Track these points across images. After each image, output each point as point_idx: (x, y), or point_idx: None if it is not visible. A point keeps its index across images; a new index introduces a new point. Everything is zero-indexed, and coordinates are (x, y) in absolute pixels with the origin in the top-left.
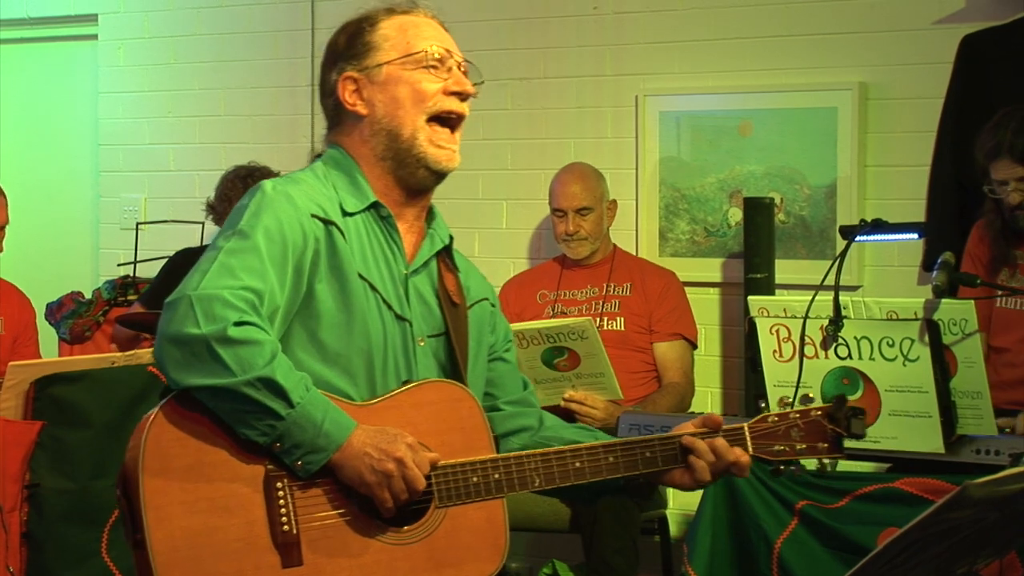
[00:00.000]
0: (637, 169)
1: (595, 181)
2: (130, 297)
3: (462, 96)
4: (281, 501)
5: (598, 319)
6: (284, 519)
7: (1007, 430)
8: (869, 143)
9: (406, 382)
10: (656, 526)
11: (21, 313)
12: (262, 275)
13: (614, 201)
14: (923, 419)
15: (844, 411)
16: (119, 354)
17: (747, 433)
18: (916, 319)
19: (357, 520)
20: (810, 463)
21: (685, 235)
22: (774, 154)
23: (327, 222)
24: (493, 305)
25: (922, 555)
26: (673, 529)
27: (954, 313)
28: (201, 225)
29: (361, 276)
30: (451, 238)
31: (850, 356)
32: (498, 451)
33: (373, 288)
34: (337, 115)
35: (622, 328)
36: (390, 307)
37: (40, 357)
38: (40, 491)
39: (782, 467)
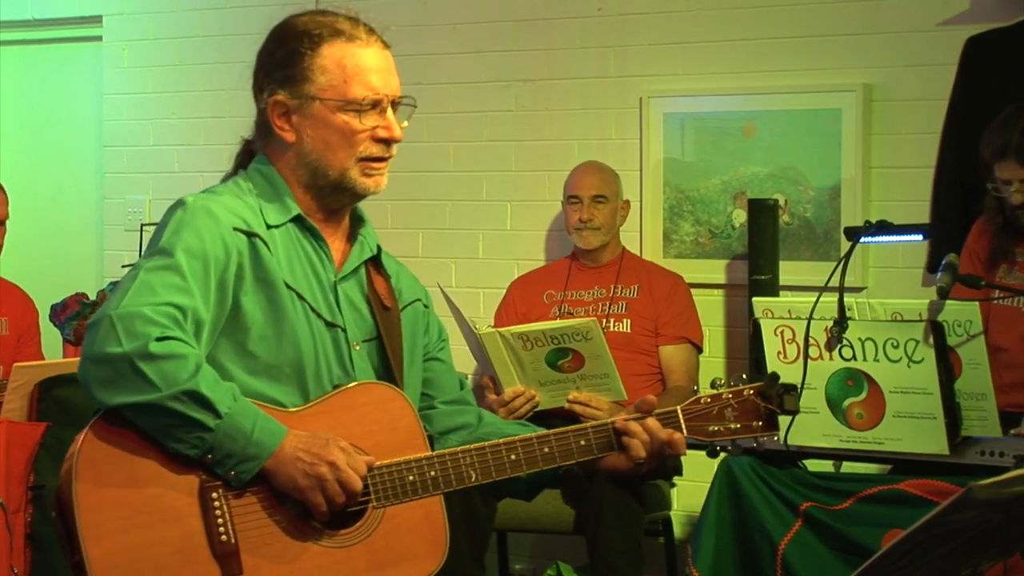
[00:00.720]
0: (641, 171)
1: (612, 176)
2: None
3: (390, 143)
4: (217, 511)
5: (605, 320)
6: (221, 529)
7: (1012, 432)
8: (873, 144)
9: (336, 386)
10: (660, 527)
11: (24, 313)
12: (184, 291)
13: (627, 202)
14: (927, 420)
15: (776, 388)
16: None
17: (680, 415)
18: (920, 320)
19: (295, 526)
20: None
21: (689, 236)
22: (778, 155)
23: (250, 234)
24: (426, 306)
25: (926, 557)
26: (677, 531)
27: (959, 314)
28: None
29: (288, 286)
30: (379, 247)
31: (854, 357)
32: (435, 449)
33: (301, 297)
34: (265, 127)
35: (628, 330)
36: (319, 315)
37: (42, 357)
38: (45, 492)
39: (718, 448)
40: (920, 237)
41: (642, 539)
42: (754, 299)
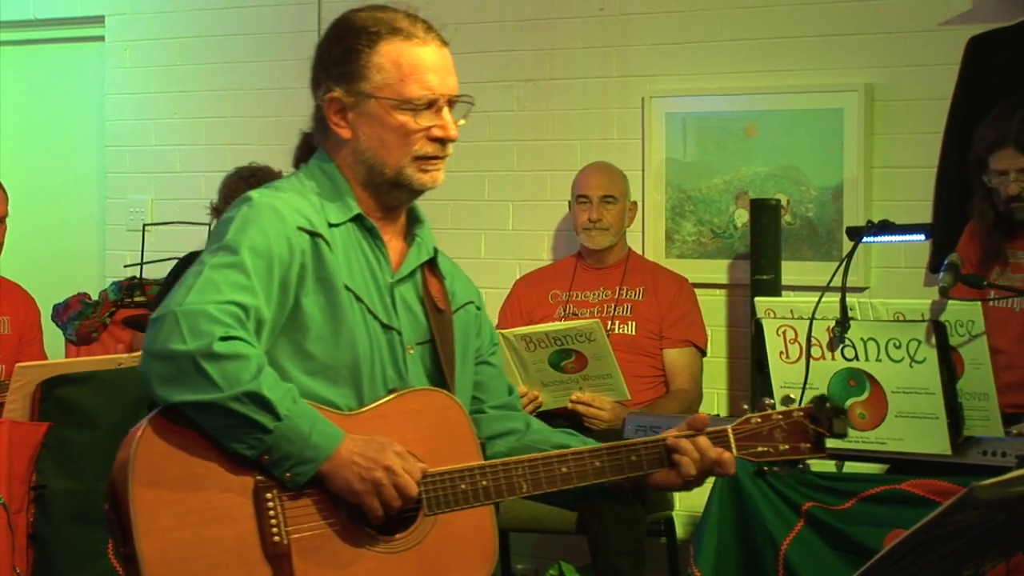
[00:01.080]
0: (643, 170)
1: (621, 177)
2: (136, 299)
3: (445, 142)
4: (271, 512)
5: (609, 322)
6: (275, 530)
7: (1014, 431)
8: (875, 144)
9: (392, 391)
10: (662, 527)
11: (27, 313)
12: (248, 290)
13: (635, 203)
14: (930, 420)
15: (826, 411)
16: (125, 355)
17: (731, 435)
18: (923, 320)
19: (347, 530)
20: (826, 465)
21: (691, 236)
22: (780, 155)
23: (314, 234)
24: (478, 308)
25: (929, 557)
26: (679, 531)
27: (961, 314)
28: (208, 227)
29: (347, 287)
30: (436, 250)
31: (857, 357)
32: (484, 454)
33: (359, 299)
34: (323, 123)
35: (633, 332)
36: (376, 317)
37: (45, 357)
38: (47, 492)
39: (765, 468)
40: (922, 237)
41: (644, 539)
42: (756, 299)
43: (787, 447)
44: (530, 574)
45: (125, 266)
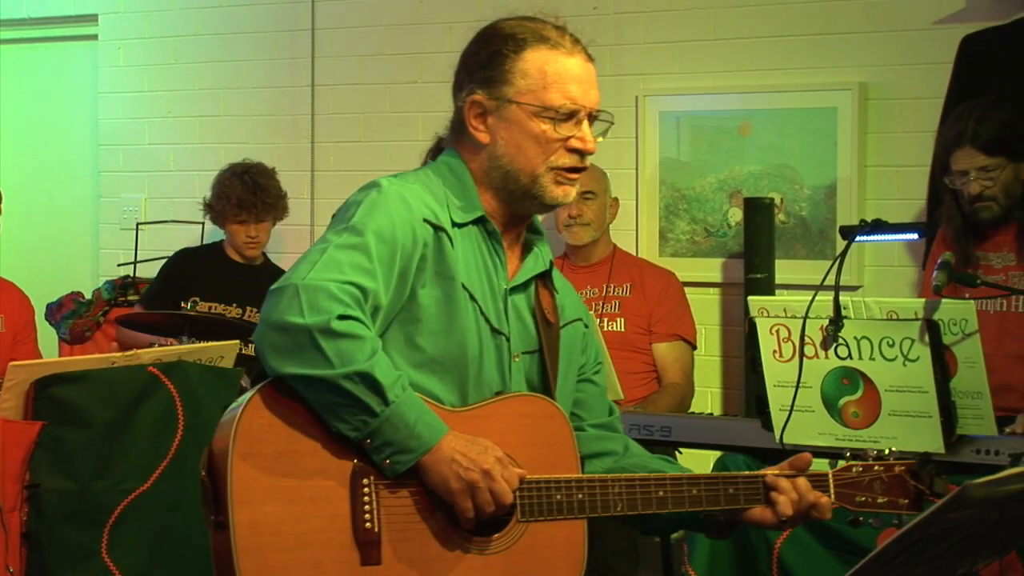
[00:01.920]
0: (637, 169)
1: (599, 173)
2: (130, 297)
3: (584, 154)
4: (366, 498)
5: (598, 320)
6: (367, 516)
7: (1007, 430)
8: (869, 143)
9: (499, 393)
10: None
11: (20, 311)
12: (369, 273)
13: (616, 199)
14: (923, 419)
15: (928, 469)
16: (119, 354)
17: (831, 480)
18: (916, 319)
19: (439, 525)
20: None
21: (685, 235)
22: (774, 154)
23: (438, 228)
24: (587, 326)
25: (922, 555)
26: None
27: (954, 313)
28: (201, 225)
29: (463, 285)
30: (551, 263)
31: (850, 356)
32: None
33: (473, 298)
34: (460, 125)
35: (622, 329)
36: (487, 320)
37: (39, 355)
38: (40, 491)
39: (861, 519)
40: (916, 236)
41: (638, 538)
42: (750, 298)
43: (885, 500)
44: None
45: (119, 265)
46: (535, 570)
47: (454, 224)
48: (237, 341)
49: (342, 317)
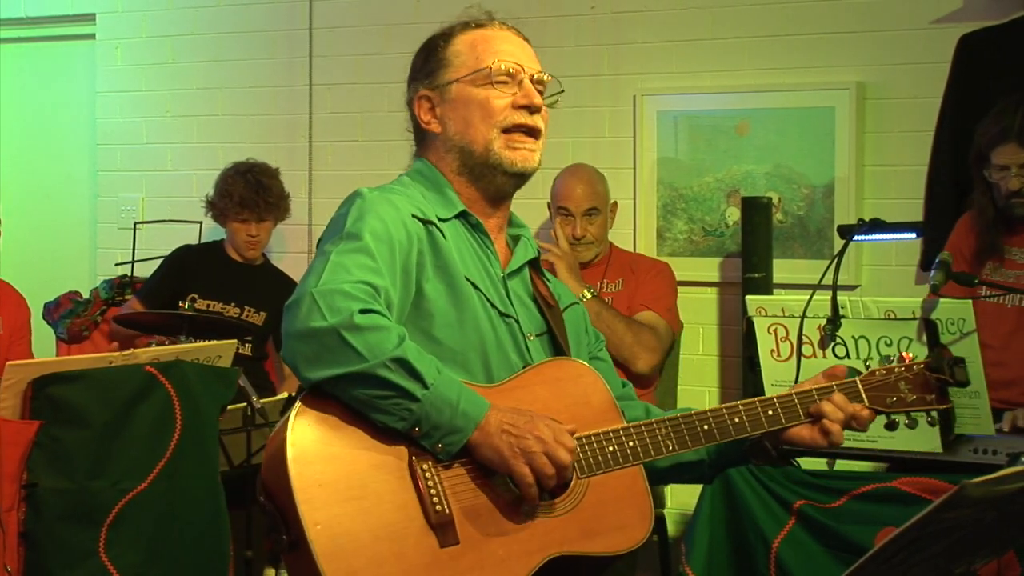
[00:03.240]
0: (635, 169)
1: (601, 184)
2: (127, 297)
3: (531, 109)
4: (430, 483)
5: None
6: (435, 500)
7: (1004, 429)
8: (867, 143)
9: (526, 365)
10: (653, 526)
11: (17, 312)
12: (376, 272)
13: (615, 203)
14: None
15: (946, 361)
16: (117, 354)
17: (860, 386)
18: (914, 318)
19: (506, 497)
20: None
21: (683, 235)
22: (772, 154)
23: (426, 222)
24: (583, 311)
25: (920, 554)
26: (671, 528)
27: (952, 312)
28: (199, 224)
29: (464, 276)
30: (539, 251)
31: (848, 355)
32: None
33: (476, 287)
34: (418, 132)
35: None
36: (494, 305)
37: (32, 356)
38: (38, 491)
39: (895, 418)
40: (913, 235)
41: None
42: (747, 297)
43: (915, 398)
44: None
45: (116, 264)
46: (607, 522)
47: (440, 219)
48: (235, 340)
49: (364, 311)
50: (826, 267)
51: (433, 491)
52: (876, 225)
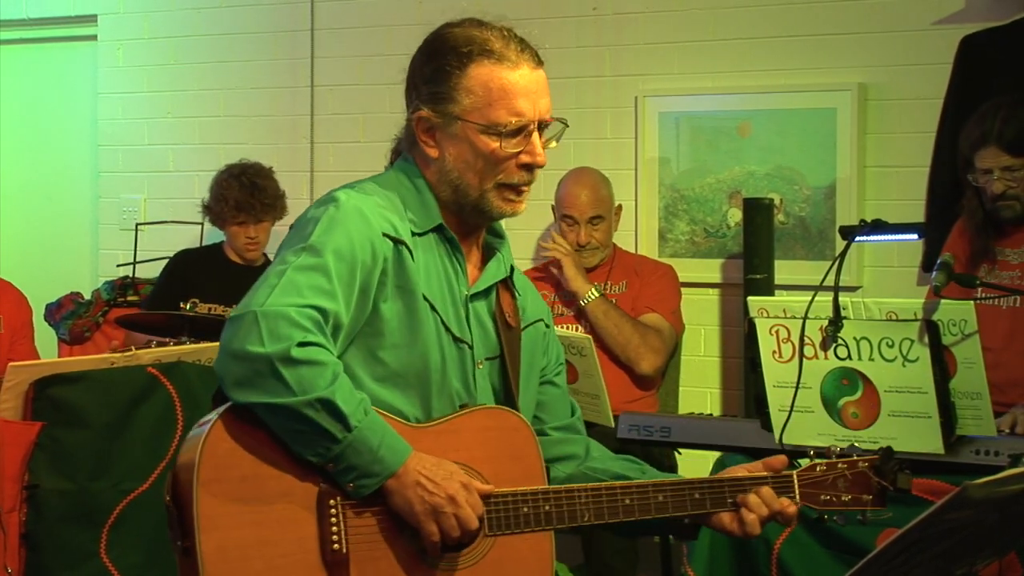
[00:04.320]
0: (636, 170)
1: (606, 189)
2: (129, 298)
3: (533, 167)
4: (333, 519)
5: None
6: (335, 537)
7: (1004, 430)
8: (868, 144)
9: (463, 406)
10: None
11: (19, 312)
12: (329, 295)
13: (620, 206)
14: (922, 420)
15: (891, 465)
16: (118, 355)
17: (796, 481)
18: (916, 320)
19: (407, 544)
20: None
21: (684, 236)
22: (773, 155)
23: (397, 241)
24: (547, 326)
25: (921, 556)
26: None
27: (953, 314)
28: (200, 226)
29: (424, 296)
30: (512, 267)
31: (849, 357)
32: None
33: (434, 309)
34: (412, 136)
35: None
36: (449, 330)
37: (35, 355)
38: (39, 492)
39: (825, 516)
40: (915, 236)
41: (638, 539)
42: (749, 298)
43: (849, 498)
44: None
45: (118, 265)
46: None
47: (413, 234)
48: None
49: (302, 344)
50: (828, 268)
51: (335, 528)
52: (878, 226)
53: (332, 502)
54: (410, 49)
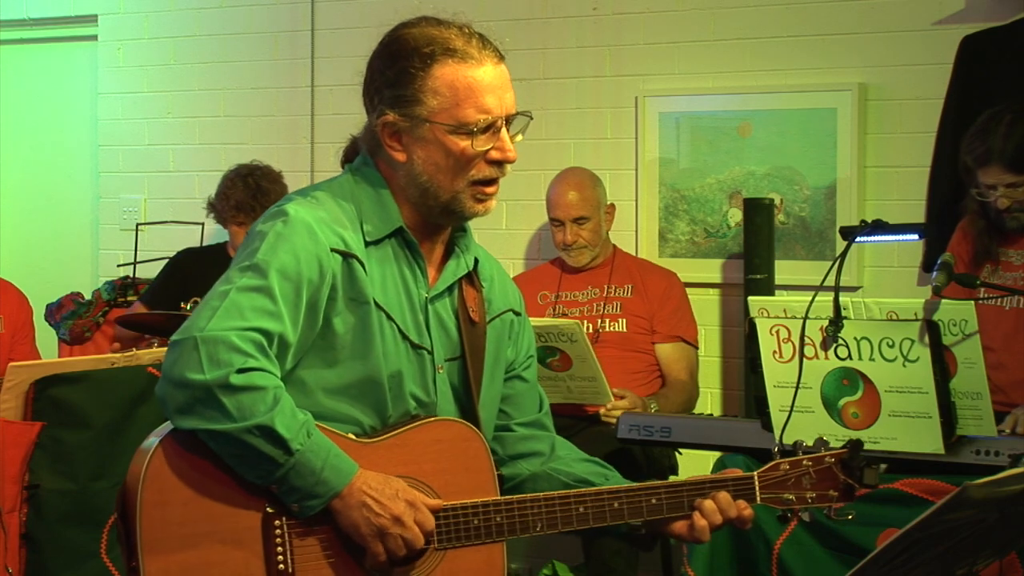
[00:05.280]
0: (636, 170)
1: (592, 189)
2: (130, 298)
3: (504, 163)
4: (278, 540)
5: (600, 320)
6: (280, 558)
7: (1006, 431)
8: (869, 144)
9: (415, 417)
10: None
11: (19, 311)
12: (274, 316)
13: (612, 205)
14: (923, 420)
15: (858, 460)
16: (119, 355)
17: (756, 482)
18: (916, 320)
19: (354, 563)
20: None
21: (685, 236)
22: (774, 155)
23: (347, 255)
24: (517, 314)
25: (922, 556)
26: None
27: (954, 314)
28: (201, 226)
29: (378, 306)
30: (476, 260)
31: (850, 357)
32: (505, 474)
33: (390, 318)
34: (375, 140)
35: (624, 329)
36: (407, 337)
37: (36, 355)
38: (40, 492)
39: (788, 515)
40: (915, 236)
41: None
42: (750, 298)
43: (814, 495)
44: (524, 573)
45: (118, 265)
46: None
47: (368, 243)
48: None
49: (241, 370)
50: (828, 268)
51: (280, 549)
52: (878, 226)
53: (277, 523)
54: None
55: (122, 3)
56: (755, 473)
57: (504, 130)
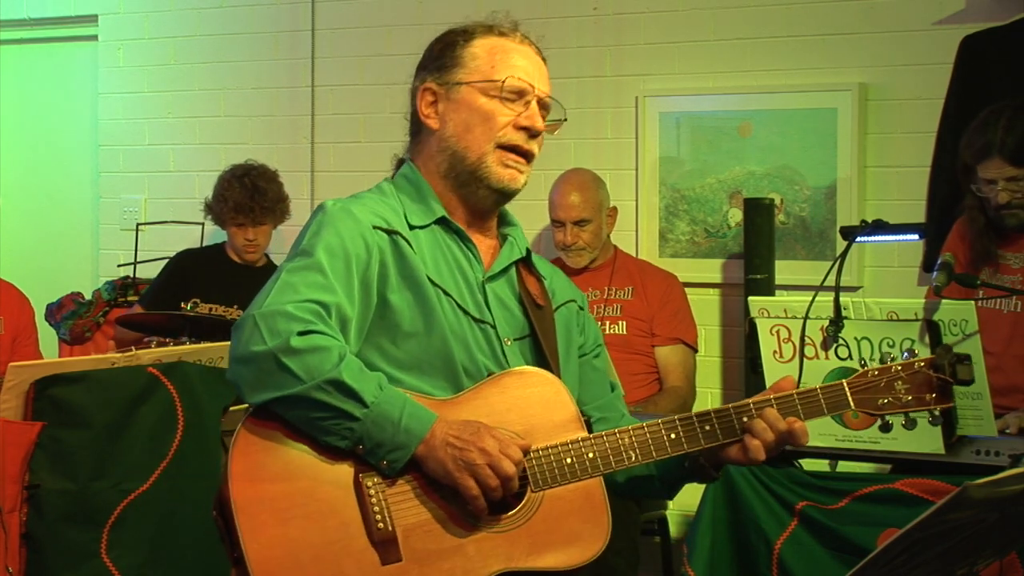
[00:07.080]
0: (637, 170)
1: (594, 191)
2: (130, 298)
3: (531, 132)
4: (373, 499)
5: (600, 322)
6: (378, 517)
7: (1008, 431)
8: (869, 144)
9: (491, 374)
10: (656, 527)
11: (21, 313)
12: (327, 288)
13: (614, 208)
14: (923, 420)
15: (948, 358)
16: (119, 355)
17: (847, 389)
18: (916, 319)
19: (453, 512)
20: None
21: (685, 236)
22: (774, 155)
23: (391, 232)
24: (581, 308)
25: (922, 556)
26: (673, 530)
27: (954, 314)
28: (201, 226)
29: (433, 282)
30: (529, 250)
31: (850, 356)
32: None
33: (447, 293)
34: (415, 124)
35: (624, 332)
36: (467, 312)
37: (40, 357)
38: (40, 492)
39: (889, 420)
40: (916, 236)
41: (638, 538)
42: (750, 298)
43: (910, 398)
44: None
45: (119, 265)
46: (559, 536)
47: (412, 227)
48: None
49: (302, 333)
50: (828, 268)
51: (376, 508)
52: (878, 226)
53: (369, 483)
54: (410, 49)
55: (122, 3)
56: (844, 381)
57: (535, 104)
